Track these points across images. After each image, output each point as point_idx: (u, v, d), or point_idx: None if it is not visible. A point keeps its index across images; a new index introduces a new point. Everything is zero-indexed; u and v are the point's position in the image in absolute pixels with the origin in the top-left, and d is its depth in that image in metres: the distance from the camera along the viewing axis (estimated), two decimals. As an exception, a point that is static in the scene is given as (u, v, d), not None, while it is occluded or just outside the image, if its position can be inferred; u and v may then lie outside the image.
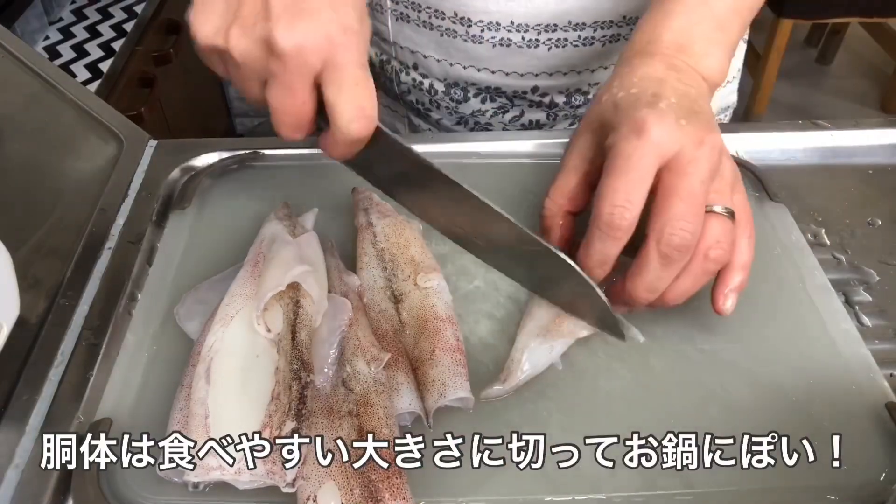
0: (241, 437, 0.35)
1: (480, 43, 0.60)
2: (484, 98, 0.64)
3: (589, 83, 0.63)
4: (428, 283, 0.45)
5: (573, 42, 0.59)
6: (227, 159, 0.58)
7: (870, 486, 0.37)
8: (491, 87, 0.63)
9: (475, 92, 0.64)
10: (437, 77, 0.64)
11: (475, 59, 0.61)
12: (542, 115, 0.65)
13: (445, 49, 0.62)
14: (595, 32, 0.59)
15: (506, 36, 0.59)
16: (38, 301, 0.45)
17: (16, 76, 0.51)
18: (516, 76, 0.62)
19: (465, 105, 0.65)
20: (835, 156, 0.59)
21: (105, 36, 1.18)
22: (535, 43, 0.59)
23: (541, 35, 0.58)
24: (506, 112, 0.66)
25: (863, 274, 0.50)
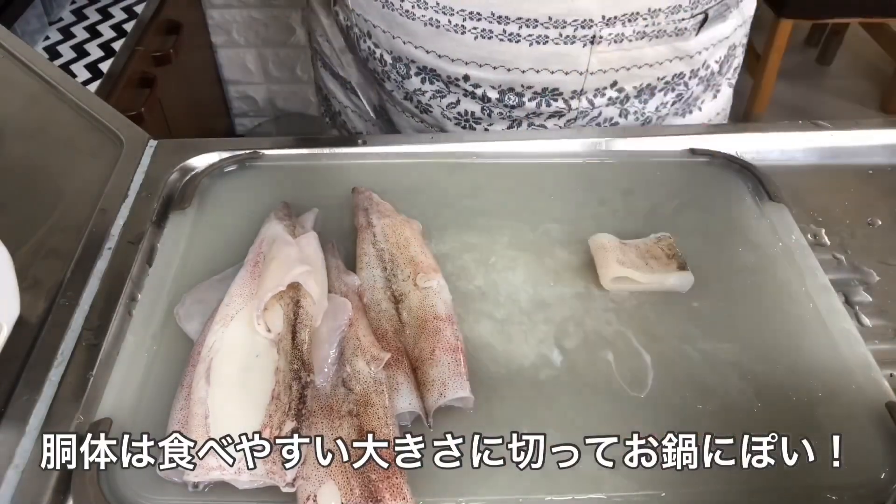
0: (240, 437, 0.35)
1: (413, 19, 0.59)
2: (423, 78, 0.63)
3: (522, 84, 0.61)
4: (427, 283, 0.45)
5: (498, 35, 0.58)
6: (227, 159, 0.57)
7: (870, 485, 0.37)
8: (428, 68, 0.63)
9: (416, 70, 0.63)
10: (385, 49, 0.64)
11: (412, 36, 0.60)
12: (477, 108, 0.64)
13: (388, 21, 0.61)
14: (520, 30, 0.57)
15: (434, 16, 0.58)
16: (38, 301, 0.45)
17: (16, 76, 0.51)
18: (447, 60, 0.61)
19: (409, 81, 0.64)
20: (835, 156, 0.59)
21: (105, 36, 1.18)
22: (461, 28, 0.58)
23: (466, 21, 0.57)
24: (443, 97, 0.64)
25: (863, 274, 0.50)
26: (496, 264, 0.49)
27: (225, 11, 1.74)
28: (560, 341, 0.44)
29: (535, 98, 0.61)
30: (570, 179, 0.56)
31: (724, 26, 0.63)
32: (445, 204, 0.54)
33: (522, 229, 0.51)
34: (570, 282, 0.48)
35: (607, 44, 0.58)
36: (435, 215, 0.53)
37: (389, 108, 0.69)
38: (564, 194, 0.55)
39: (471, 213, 0.53)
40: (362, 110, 0.74)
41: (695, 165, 0.58)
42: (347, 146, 0.59)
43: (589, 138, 0.59)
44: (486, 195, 0.54)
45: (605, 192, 0.55)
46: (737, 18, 0.65)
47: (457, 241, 0.50)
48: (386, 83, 0.66)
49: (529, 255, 0.50)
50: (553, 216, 0.52)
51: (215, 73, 1.82)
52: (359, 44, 0.66)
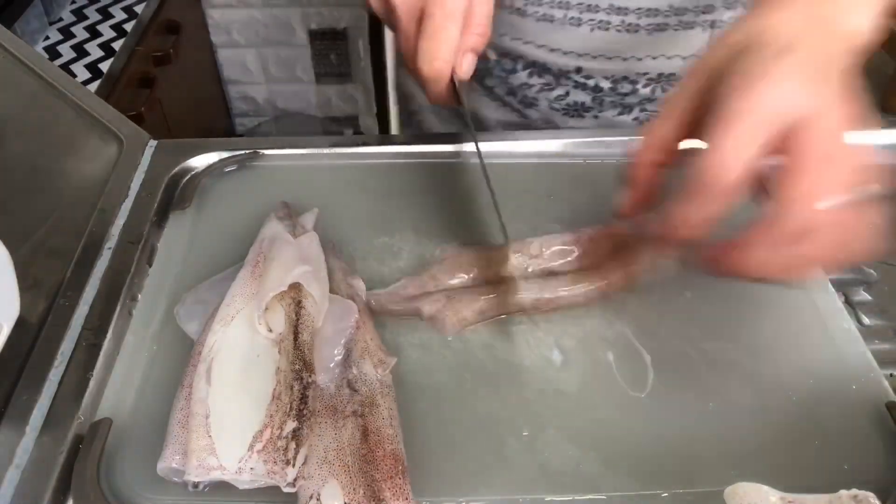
0: (241, 437, 0.35)
1: (524, 16, 0.60)
2: (531, 72, 0.64)
3: (637, 72, 0.62)
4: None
5: (616, 26, 0.58)
6: (227, 159, 0.58)
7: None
8: (537, 62, 0.63)
9: (524, 65, 0.64)
10: (489, 46, 0.64)
11: (521, 32, 0.61)
12: (588, 98, 0.65)
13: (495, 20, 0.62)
14: (639, 19, 0.58)
15: (548, 11, 0.59)
16: (38, 301, 0.45)
17: (16, 76, 0.51)
18: (559, 54, 0.61)
19: (514, 76, 0.65)
20: (835, 156, 0.59)
21: (105, 36, 1.18)
22: (576, 21, 0.58)
23: (583, 14, 0.58)
24: (552, 90, 0.65)
25: (863, 274, 0.50)
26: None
27: (225, 11, 1.74)
28: (560, 341, 0.44)
29: (650, 84, 0.62)
30: (570, 179, 0.56)
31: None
32: (445, 204, 0.54)
33: (522, 229, 0.51)
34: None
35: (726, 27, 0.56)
36: (435, 215, 0.53)
37: (484, 105, 0.70)
38: (564, 194, 0.55)
39: (471, 212, 0.53)
40: (439, 111, 0.74)
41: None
42: (347, 146, 0.59)
43: (589, 138, 0.59)
44: (486, 195, 0.54)
45: (606, 193, 0.54)
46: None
47: (457, 241, 0.50)
48: (487, 79, 0.67)
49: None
50: (553, 216, 0.52)
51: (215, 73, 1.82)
52: None
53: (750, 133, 0.33)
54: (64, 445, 0.39)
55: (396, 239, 0.51)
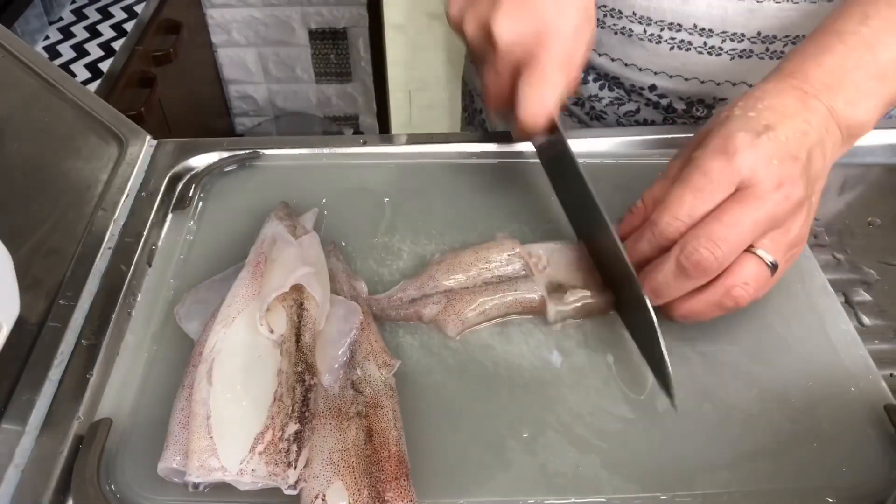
0: (243, 438, 0.35)
1: (602, 28, 0.59)
2: (602, 84, 0.63)
3: (714, 97, 0.60)
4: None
5: (697, 48, 0.57)
6: (227, 159, 0.58)
7: (869, 486, 0.37)
8: (609, 76, 0.62)
9: (595, 76, 0.63)
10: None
11: (598, 44, 0.60)
12: (659, 118, 0.63)
13: None
14: (723, 43, 0.56)
15: (627, 25, 0.58)
16: (38, 301, 0.45)
17: (16, 76, 0.51)
18: (635, 69, 0.60)
19: (584, 87, 0.64)
20: (835, 156, 0.59)
21: (105, 36, 1.18)
22: (656, 38, 0.57)
23: (663, 31, 0.57)
24: (622, 104, 0.64)
25: (863, 274, 0.50)
26: (496, 265, 0.49)
27: (225, 11, 1.74)
28: (560, 342, 0.44)
29: None
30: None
31: None
32: (445, 204, 0.54)
33: (523, 230, 0.51)
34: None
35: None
36: (435, 215, 0.53)
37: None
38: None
39: (471, 213, 0.53)
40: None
41: (695, 166, 0.57)
42: (347, 146, 0.59)
43: (589, 138, 0.59)
44: (487, 195, 0.54)
45: (606, 193, 0.54)
46: None
47: (457, 242, 0.50)
48: None
49: (529, 255, 0.50)
50: (553, 216, 0.52)
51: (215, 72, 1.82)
52: None
53: (710, 195, 0.38)
54: (64, 445, 0.39)
55: (396, 239, 0.51)
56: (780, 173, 0.38)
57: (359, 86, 1.90)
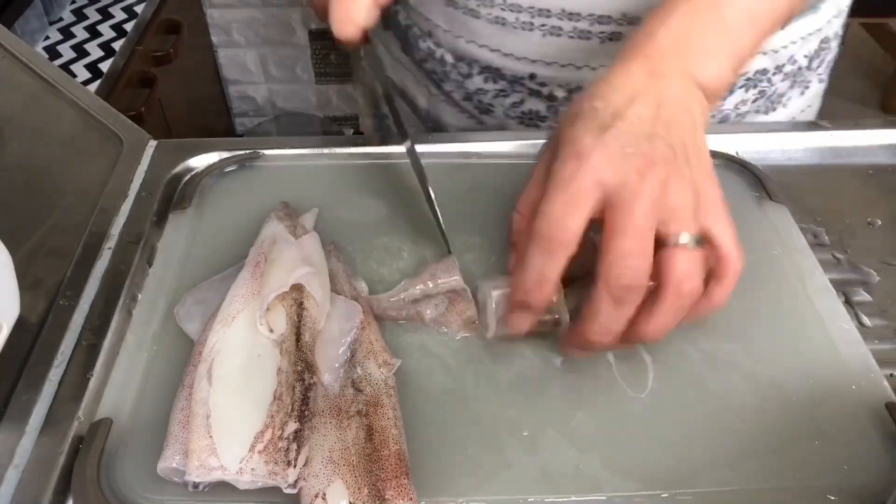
0: (242, 438, 0.35)
1: (478, 18, 0.58)
2: (486, 77, 0.63)
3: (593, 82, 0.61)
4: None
5: (568, 33, 0.57)
6: (227, 159, 0.58)
7: (870, 486, 0.37)
8: (492, 67, 0.62)
9: (479, 69, 0.62)
10: (446, 48, 0.63)
11: (475, 35, 0.60)
12: (543, 107, 0.63)
13: (451, 20, 0.60)
14: (591, 26, 0.56)
15: (500, 14, 0.57)
16: (38, 301, 0.45)
17: (16, 76, 0.51)
18: (513, 59, 0.60)
19: (470, 81, 0.64)
20: (835, 156, 0.59)
21: (105, 36, 1.18)
22: (528, 26, 0.57)
23: (534, 19, 0.56)
24: (506, 96, 0.63)
25: (863, 274, 0.50)
26: (496, 264, 0.49)
27: (225, 11, 1.74)
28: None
29: None
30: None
31: (815, 18, 0.60)
32: (445, 204, 0.54)
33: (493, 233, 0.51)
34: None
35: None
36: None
37: (443, 111, 0.69)
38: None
39: (471, 213, 0.53)
40: (406, 115, 0.73)
41: (695, 165, 0.57)
42: (347, 146, 0.59)
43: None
44: (487, 195, 0.54)
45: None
46: (831, 8, 0.61)
47: (457, 241, 0.50)
48: (445, 83, 0.66)
49: (529, 255, 0.50)
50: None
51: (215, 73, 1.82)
52: (417, 44, 0.66)
53: (574, 200, 0.37)
54: (64, 445, 0.39)
55: (396, 239, 0.51)
56: (638, 161, 0.37)
57: (359, 86, 1.90)
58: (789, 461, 0.38)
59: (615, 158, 0.37)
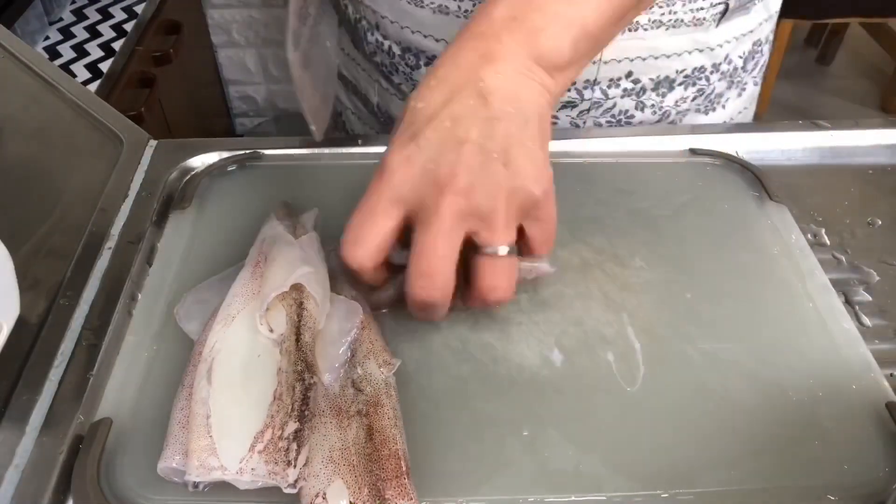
0: (242, 437, 0.35)
1: (421, 7, 0.58)
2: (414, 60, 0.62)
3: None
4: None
5: (454, 12, 0.56)
6: (227, 159, 0.58)
7: (870, 485, 0.37)
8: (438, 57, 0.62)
9: (426, 60, 0.62)
10: (393, 40, 0.62)
11: (420, 25, 0.59)
12: None
13: (397, 11, 0.60)
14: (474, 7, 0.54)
15: (443, 3, 0.56)
16: (38, 301, 0.45)
17: (16, 76, 0.51)
18: (425, 37, 0.59)
19: (418, 72, 0.63)
20: (835, 156, 0.59)
21: (105, 36, 1.18)
22: (468, 14, 0.56)
23: (475, 7, 0.54)
24: None
25: (863, 274, 0.50)
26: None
27: (225, 11, 1.74)
28: (560, 341, 0.44)
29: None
30: (569, 179, 0.56)
31: (746, 20, 0.61)
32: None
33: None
34: (570, 282, 0.48)
35: (621, 32, 0.54)
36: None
37: (394, 104, 0.68)
38: (564, 194, 0.54)
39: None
40: (360, 111, 0.73)
41: (695, 165, 0.58)
42: (347, 146, 0.59)
43: (589, 138, 0.59)
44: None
45: (605, 192, 0.55)
46: (761, 13, 0.62)
47: (457, 241, 0.50)
48: (394, 76, 0.66)
49: (529, 255, 0.50)
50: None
51: (215, 73, 1.82)
52: (366, 37, 0.65)
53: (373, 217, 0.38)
54: (64, 445, 0.39)
55: (396, 239, 0.51)
56: (439, 176, 0.36)
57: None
58: (789, 461, 0.38)
59: (415, 176, 0.37)
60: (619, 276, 0.48)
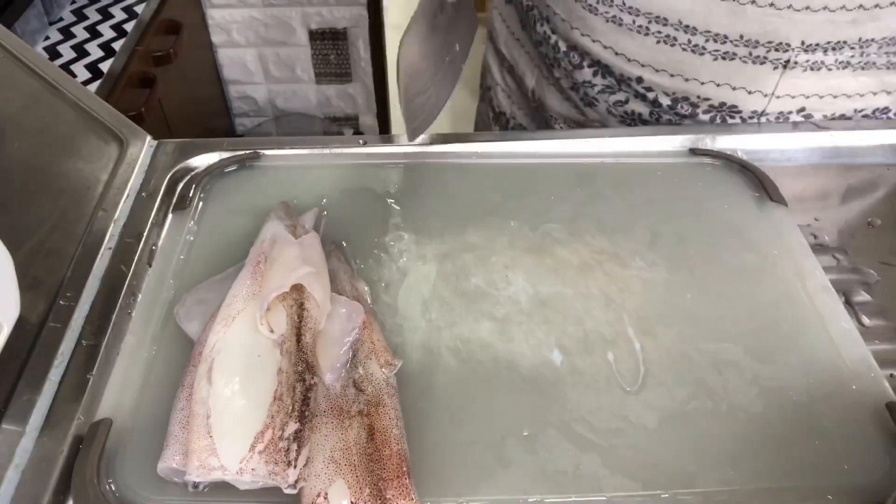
0: (243, 438, 0.35)
1: (595, 14, 0.59)
2: (595, 71, 0.63)
3: (698, 95, 0.60)
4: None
5: (682, 44, 0.57)
6: (228, 159, 0.58)
7: (870, 486, 0.37)
8: (602, 63, 0.62)
9: (589, 62, 0.63)
10: (561, 36, 0.64)
11: (590, 29, 0.61)
12: (646, 110, 0.63)
13: (569, 11, 0.61)
14: (706, 43, 0.56)
15: (618, 14, 0.58)
16: (38, 301, 0.45)
17: (16, 76, 0.51)
18: (624, 59, 0.60)
19: (579, 72, 0.64)
20: (835, 156, 0.59)
21: (105, 36, 1.18)
22: (644, 30, 0.58)
23: (650, 24, 0.57)
24: (612, 93, 0.64)
25: (863, 274, 0.50)
26: (496, 264, 0.49)
27: (225, 11, 1.74)
28: (560, 341, 0.44)
29: (711, 111, 0.60)
30: (570, 179, 0.56)
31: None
32: (445, 204, 0.54)
33: (522, 229, 0.51)
34: (570, 282, 0.48)
35: (802, 70, 0.55)
36: (435, 215, 0.53)
37: (550, 95, 0.69)
38: (564, 194, 0.55)
39: (471, 212, 0.53)
40: (512, 90, 0.73)
41: (695, 165, 0.58)
42: (347, 146, 0.59)
43: (589, 138, 0.59)
44: (486, 195, 0.54)
45: (605, 192, 0.55)
46: None
47: (457, 241, 0.50)
48: (555, 69, 0.67)
49: (530, 255, 0.50)
50: (553, 216, 0.52)
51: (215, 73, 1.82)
52: (535, 26, 0.66)
53: None
54: (64, 445, 0.39)
55: (397, 239, 0.51)
56: None
57: (359, 86, 1.90)
58: (789, 461, 0.38)
59: None
60: (619, 276, 0.48)
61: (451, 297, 0.47)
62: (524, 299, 0.47)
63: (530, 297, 0.47)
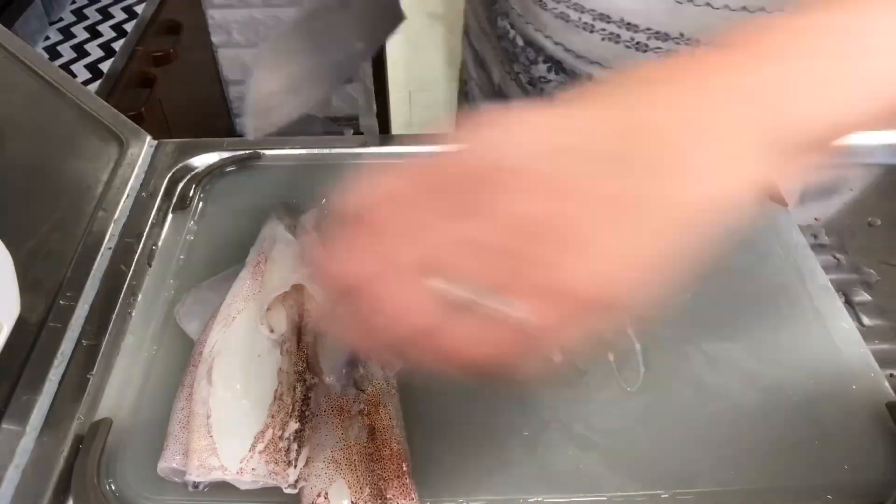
0: (243, 437, 0.35)
1: (544, 9, 0.59)
2: (550, 67, 0.63)
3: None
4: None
5: (625, 41, 0.57)
6: (227, 159, 0.57)
7: (870, 486, 0.37)
8: (555, 59, 0.62)
9: (544, 58, 0.63)
10: (518, 31, 0.64)
11: (542, 25, 0.61)
12: None
13: (523, 6, 0.61)
14: (648, 40, 0.56)
15: (565, 11, 0.58)
16: (38, 301, 0.45)
17: (16, 76, 0.51)
18: (574, 56, 0.60)
19: (536, 68, 0.64)
20: (835, 156, 0.59)
21: (105, 36, 1.18)
22: (589, 27, 0.57)
23: (595, 22, 0.57)
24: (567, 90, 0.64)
25: (863, 274, 0.50)
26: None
27: (225, 11, 1.74)
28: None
29: None
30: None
31: None
32: (445, 204, 0.54)
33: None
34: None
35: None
36: (435, 215, 0.53)
37: (512, 90, 0.69)
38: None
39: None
40: (483, 85, 0.74)
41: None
42: (347, 146, 0.59)
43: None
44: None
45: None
46: None
47: (457, 241, 0.50)
48: (515, 64, 0.67)
49: (530, 255, 0.50)
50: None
51: (215, 73, 1.82)
52: (496, 20, 0.66)
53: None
54: (64, 445, 0.39)
55: (396, 239, 0.51)
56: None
57: (359, 86, 1.90)
58: (789, 461, 0.38)
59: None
60: (619, 277, 0.48)
61: (451, 297, 0.47)
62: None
63: (530, 297, 0.47)
